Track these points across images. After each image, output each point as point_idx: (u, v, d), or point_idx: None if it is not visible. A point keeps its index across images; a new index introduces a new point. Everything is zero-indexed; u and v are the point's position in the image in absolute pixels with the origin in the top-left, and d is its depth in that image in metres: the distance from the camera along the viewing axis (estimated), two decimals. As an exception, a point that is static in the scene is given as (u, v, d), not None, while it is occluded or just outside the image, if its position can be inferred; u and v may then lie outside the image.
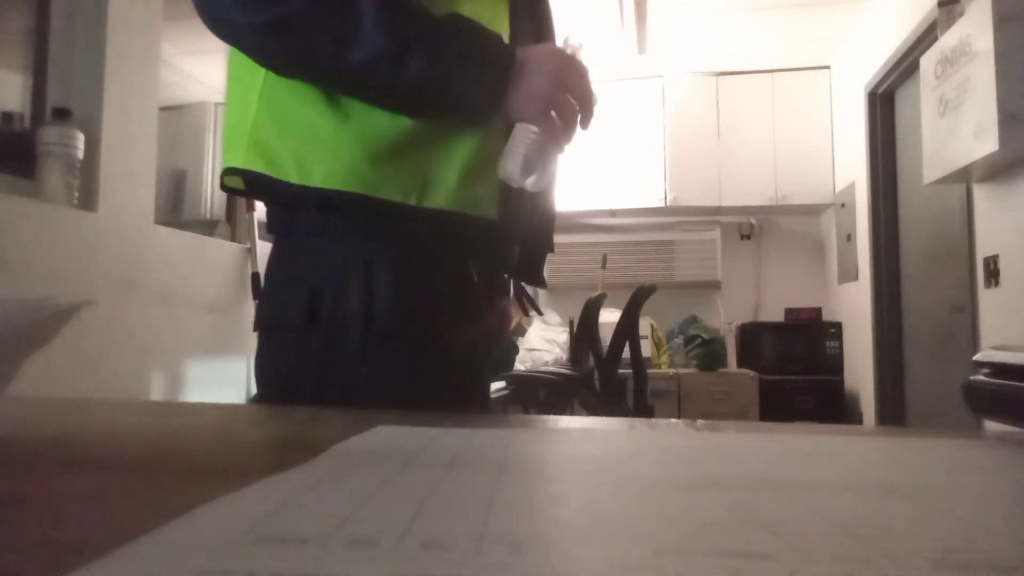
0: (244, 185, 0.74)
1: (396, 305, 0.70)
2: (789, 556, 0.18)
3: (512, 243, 0.86)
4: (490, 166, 0.71)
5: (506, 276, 0.93)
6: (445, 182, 0.70)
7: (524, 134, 0.69)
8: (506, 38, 0.72)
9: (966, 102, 2.52)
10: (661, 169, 4.74)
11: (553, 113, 0.68)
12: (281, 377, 0.74)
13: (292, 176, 0.68)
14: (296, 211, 0.73)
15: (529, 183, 0.71)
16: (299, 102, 0.69)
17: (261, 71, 0.70)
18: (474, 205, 0.72)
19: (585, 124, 0.71)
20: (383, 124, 0.68)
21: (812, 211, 4.84)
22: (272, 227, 0.77)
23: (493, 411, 1.00)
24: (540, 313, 1.08)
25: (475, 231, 0.74)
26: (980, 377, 0.44)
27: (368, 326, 0.69)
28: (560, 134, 0.69)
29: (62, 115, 1.79)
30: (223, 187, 0.77)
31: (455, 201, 0.70)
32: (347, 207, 0.68)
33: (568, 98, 0.69)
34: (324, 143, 0.68)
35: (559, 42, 0.76)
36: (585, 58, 0.72)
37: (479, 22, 0.68)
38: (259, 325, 0.76)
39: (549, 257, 0.95)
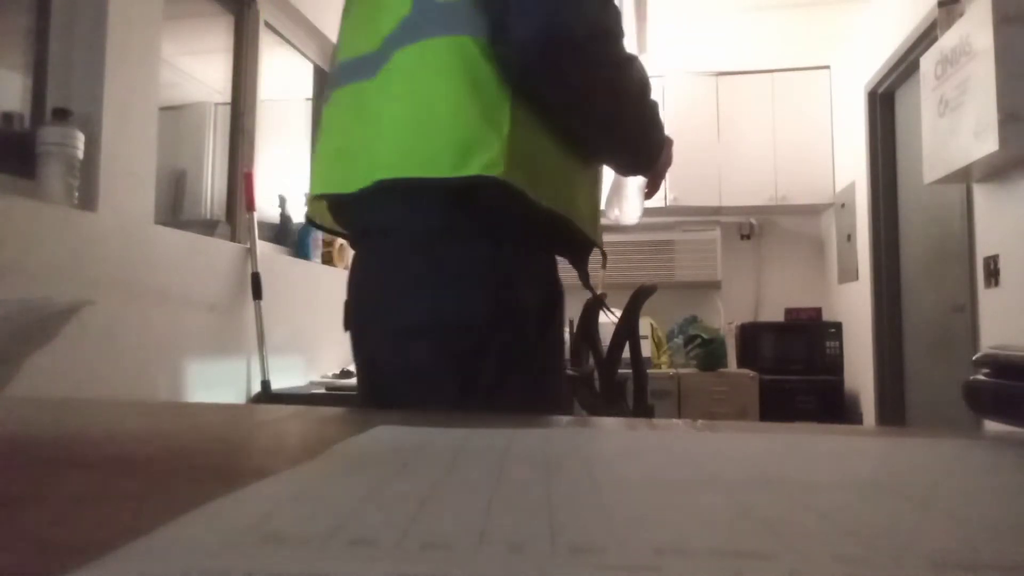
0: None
1: (556, 307, 0.85)
2: (789, 556, 0.18)
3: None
4: (599, 205, 0.95)
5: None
6: (592, 213, 0.90)
7: (637, 186, 1.13)
8: None
9: (966, 102, 2.52)
10: (661, 169, 4.73)
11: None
12: (443, 378, 0.75)
13: (544, 199, 0.76)
14: (506, 224, 0.78)
15: (628, 221, 1.18)
16: (547, 137, 0.78)
17: (506, 89, 0.74)
18: (596, 234, 0.91)
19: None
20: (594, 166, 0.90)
21: (812, 211, 4.84)
22: (445, 231, 0.77)
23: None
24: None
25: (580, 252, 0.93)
26: (980, 377, 0.44)
27: (546, 324, 0.82)
28: (652, 191, 1.05)
29: (62, 115, 1.78)
30: (370, 194, 0.75)
31: (594, 231, 0.89)
32: (547, 226, 0.81)
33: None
34: (569, 179, 0.82)
35: None
36: None
37: None
38: (422, 325, 0.76)
39: None
